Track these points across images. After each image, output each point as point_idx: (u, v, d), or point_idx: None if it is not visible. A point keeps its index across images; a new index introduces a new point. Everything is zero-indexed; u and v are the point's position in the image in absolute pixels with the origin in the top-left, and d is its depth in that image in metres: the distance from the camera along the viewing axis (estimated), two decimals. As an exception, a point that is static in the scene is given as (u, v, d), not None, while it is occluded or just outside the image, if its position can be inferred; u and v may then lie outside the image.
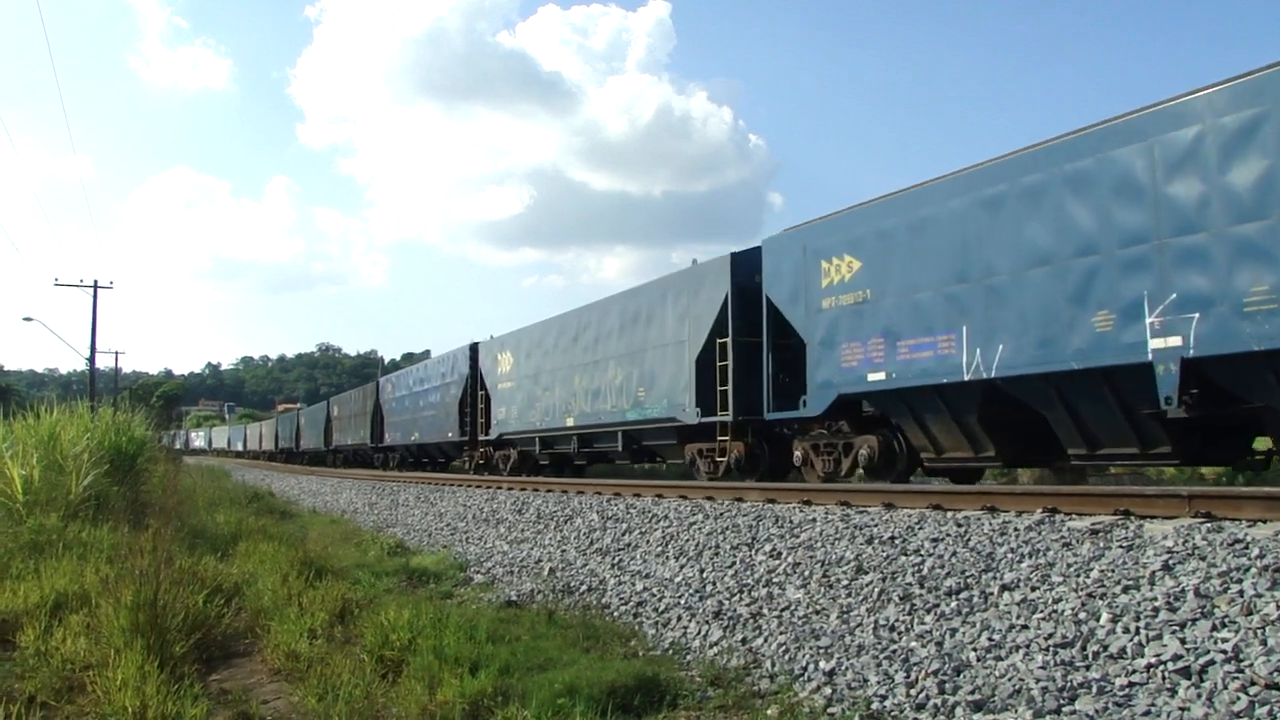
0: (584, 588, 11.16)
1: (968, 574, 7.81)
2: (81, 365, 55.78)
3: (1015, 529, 8.44)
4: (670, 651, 8.37)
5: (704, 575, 10.11)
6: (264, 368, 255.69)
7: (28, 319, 57.75)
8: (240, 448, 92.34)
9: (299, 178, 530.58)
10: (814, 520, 10.48)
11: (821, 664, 7.18)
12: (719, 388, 16.94)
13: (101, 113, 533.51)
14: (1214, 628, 5.79)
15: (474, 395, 30.10)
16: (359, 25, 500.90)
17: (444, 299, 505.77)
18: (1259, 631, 5.60)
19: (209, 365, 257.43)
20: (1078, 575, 7.11)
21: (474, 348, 30.73)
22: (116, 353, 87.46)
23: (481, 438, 29.30)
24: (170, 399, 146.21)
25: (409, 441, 37.63)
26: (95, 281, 50.51)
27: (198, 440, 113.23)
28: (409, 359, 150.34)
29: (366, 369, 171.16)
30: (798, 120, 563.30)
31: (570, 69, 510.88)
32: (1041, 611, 6.78)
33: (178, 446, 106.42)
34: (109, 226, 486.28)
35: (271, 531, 15.23)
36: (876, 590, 8.15)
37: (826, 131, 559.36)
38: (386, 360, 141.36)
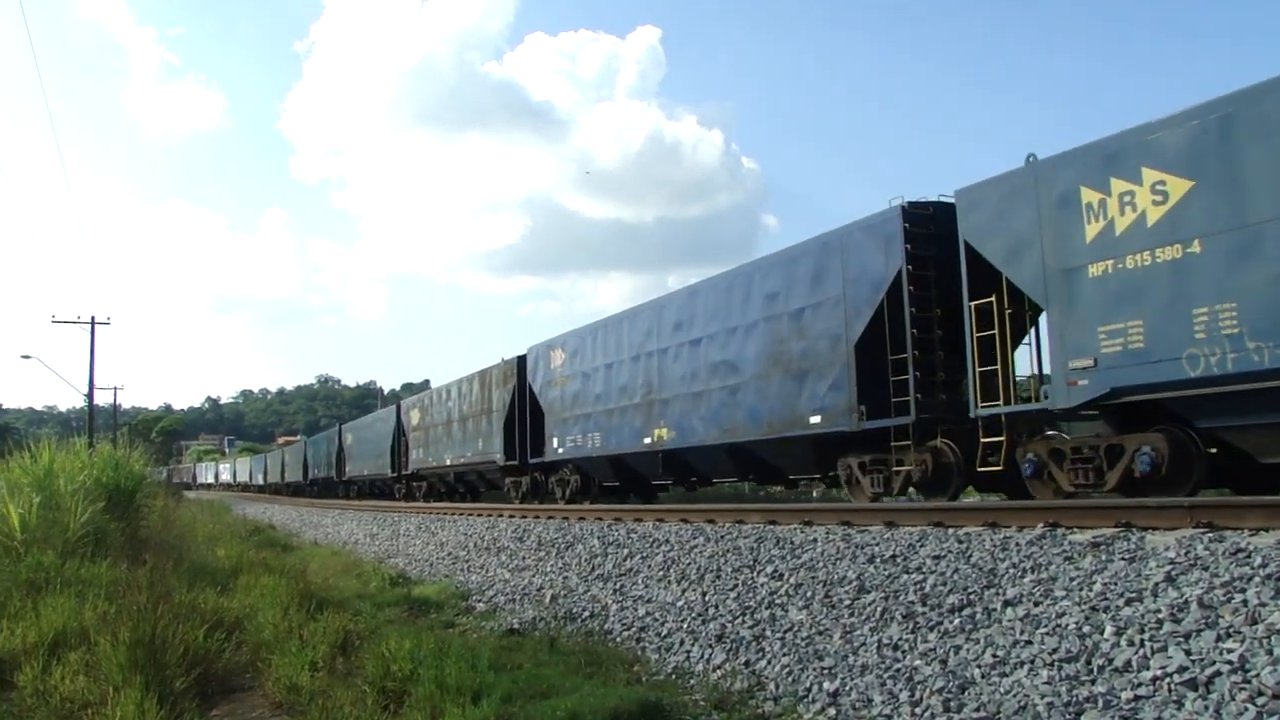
0: (586, 614, 11.11)
1: (970, 590, 7.77)
2: (80, 402, 55.69)
3: (1017, 544, 8.41)
4: (673, 676, 8.33)
5: (706, 599, 10.07)
6: (263, 401, 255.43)
7: (26, 356, 57.71)
8: (261, 481, 77.75)
9: (294, 211, 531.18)
10: (815, 541, 10.45)
11: (825, 685, 7.14)
12: None
13: (96, 149, 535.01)
14: (1219, 638, 5.76)
15: (902, 329, 12.95)
16: (348, 59, 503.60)
17: (441, 329, 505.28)
18: (1264, 641, 5.56)
19: (208, 399, 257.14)
20: (1080, 589, 7.07)
21: (913, 209, 13.28)
22: (115, 389, 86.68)
23: (990, 409, 11.93)
24: (170, 434, 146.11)
25: (636, 447, 19.71)
26: (93, 318, 50.33)
27: (224, 474, 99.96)
28: (409, 389, 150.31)
29: (366, 400, 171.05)
30: (793, 141, 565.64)
31: (560, 97, 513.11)
32: (1045, 626, 6.74)
33: (196, 481, 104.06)
34: (106, 263, 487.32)
35: (272, 564, 15.18)
36: (879, 609, 8.11)
37: (821, 151, 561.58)
38: (386, 390, 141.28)
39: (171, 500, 24.46)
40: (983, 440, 12.11)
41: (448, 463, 31.54)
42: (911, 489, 13.31)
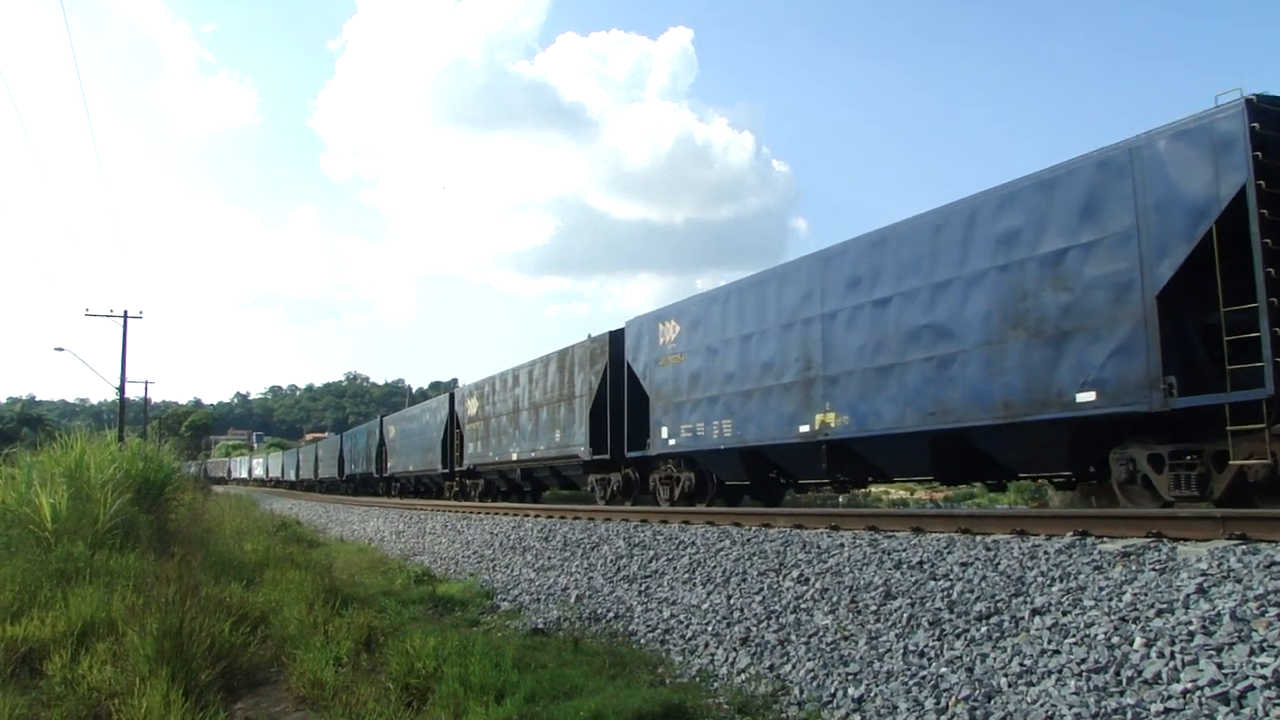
0: (610, 615, 11.10)
1: (998, 598, 7.70)
2: (112, 395, 56.13)
3: (1045, 552, 8.32)
4: (697, 679, 8.31)
5: (731, 602, 10.03)
6: (292, 397, 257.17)
7: (59, 349, 58.27)
8: (293, 477, 74.41)
9: (325, 208, 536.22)
10: (842, 545, 10.38)
11: (850, 690, 7.09)
12: None
13: (131, 144, 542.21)
14: (1252, 652, 5.67)
15: (1243, 270, 9.56)
16: (381, 58, 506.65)
17: (469, 328, 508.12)
18: (1298, 656, 5.47)
19: (238, 395, 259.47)
20: (1110, 599, 6.99)
21: (1262, 104, 9.62)
22: (146, 382, 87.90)
23: None
24: (199, 428, 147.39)
25: (786, 437, 15.67)
26: (125, 312, 50.67)
27: (257, 469, 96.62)
28: (436, 388, 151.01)
29: (394, 398, 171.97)
30: (823, 144, 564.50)
31: (591, 97, 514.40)
32: (1073, 636, 6.67)
33: (231, 475, 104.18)
34: (139, 257, 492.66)
35: (298, 560, 15.26)
36: (905, 616, 8.05)
37: (852, 154, 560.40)
38: (414, 389, 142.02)
39: (199, 494, 24.61)
40: None
41: (513, 458, 27.34)
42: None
